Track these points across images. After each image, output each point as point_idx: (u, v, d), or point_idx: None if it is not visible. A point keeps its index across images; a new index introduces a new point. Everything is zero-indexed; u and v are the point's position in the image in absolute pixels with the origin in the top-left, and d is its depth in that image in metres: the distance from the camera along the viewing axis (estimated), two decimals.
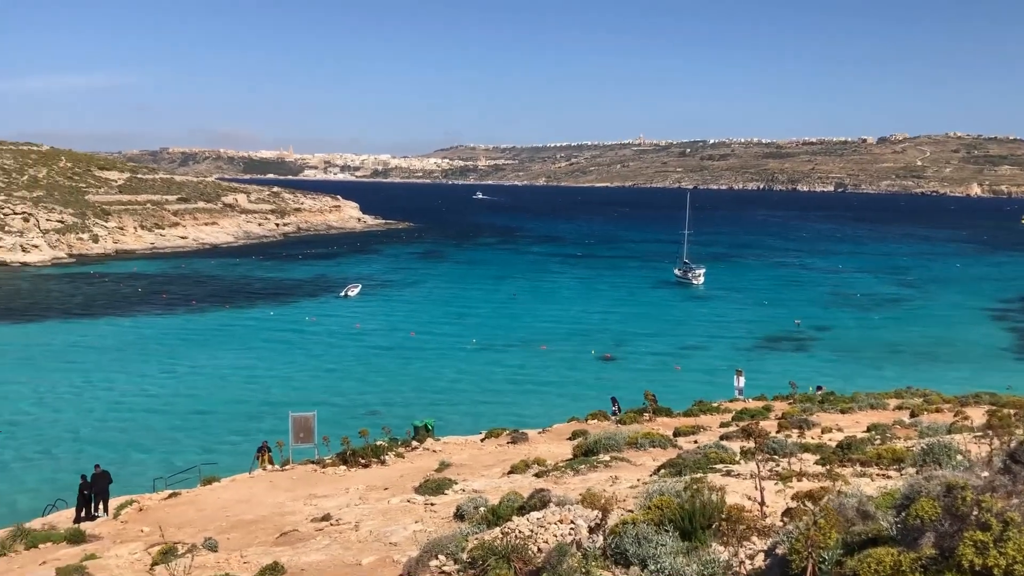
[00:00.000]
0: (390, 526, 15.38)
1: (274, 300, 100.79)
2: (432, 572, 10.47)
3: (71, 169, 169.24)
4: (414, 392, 59.41)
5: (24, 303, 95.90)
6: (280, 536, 16.77)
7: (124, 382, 61.29)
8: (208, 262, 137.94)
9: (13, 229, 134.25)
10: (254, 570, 12.91)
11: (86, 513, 25.52)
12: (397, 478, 23.77)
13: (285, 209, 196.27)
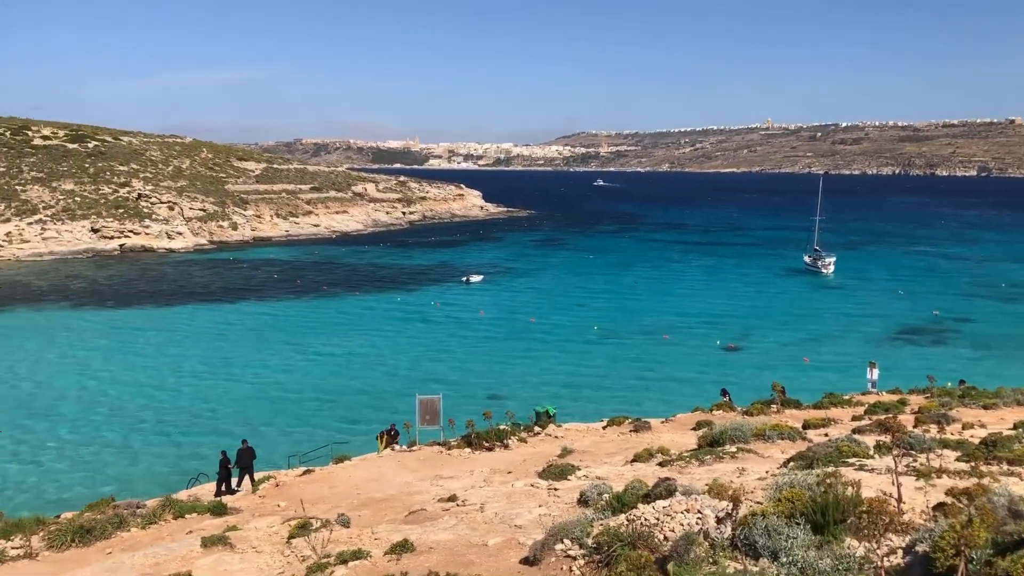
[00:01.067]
0: (515, 509, 15.59)
1: (400, 286, 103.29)
2: (557, 555, 10.58)
3: (212, 160, 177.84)
4: (535, 378, 59.81)
5: (169, 287, 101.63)
6: (409, 514, 17.25)
7: (259, 364, 64.14)
8: (338, 249, 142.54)
9: (159, 217, 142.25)
10: (385, 546, 13.34)
11: (226, 487, 26.89)
12: (520, 462, 24.04)
13: (411, 198, 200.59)
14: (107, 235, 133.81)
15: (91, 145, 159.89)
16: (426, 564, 11.70)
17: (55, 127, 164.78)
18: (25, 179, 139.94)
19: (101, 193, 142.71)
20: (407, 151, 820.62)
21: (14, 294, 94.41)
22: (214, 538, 16.08)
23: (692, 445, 22.63)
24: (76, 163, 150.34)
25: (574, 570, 10.01)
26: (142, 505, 21.75)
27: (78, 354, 66.91)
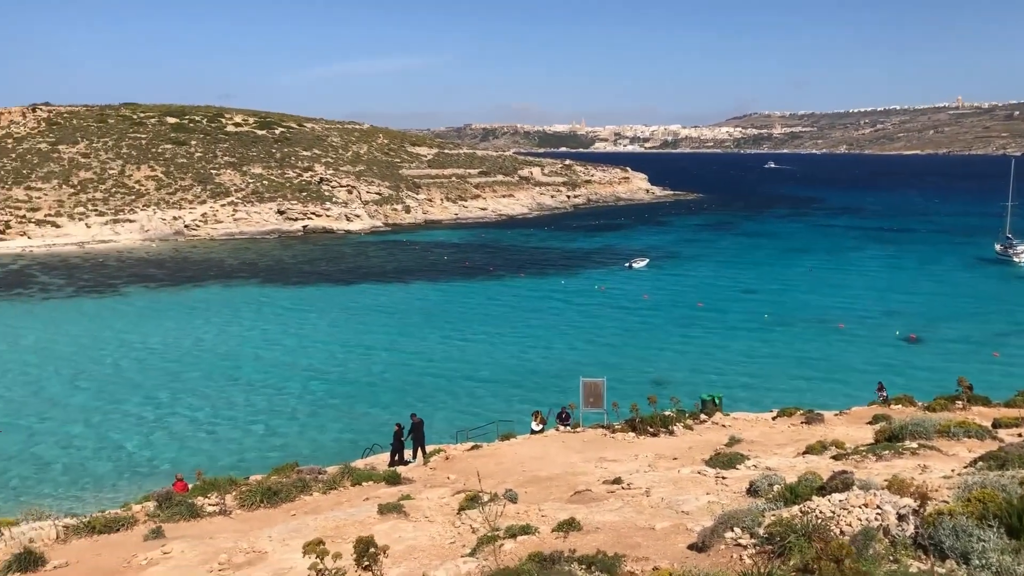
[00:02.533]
0: (681, 495, 15.49)
1: (564, 270, 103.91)
2: (727, 543, 10.46)
3: (387, 145, 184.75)
4: (701, 365, 58.80)
5: (347, 266, 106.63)
6: (574, 494, 17.47)
7: (427, 341, 66.33)
8: (504, 232, 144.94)
9: (339, 200, 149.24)
10: (552, 523, 13.60)
11: (399, 458, 28.04)
12: (686, 449, 23.80)
13: (576, 181, 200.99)
14: (291, 217, 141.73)
15: (278, 131, 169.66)
16: (593, 543, 11.85)
17: (245, 114, 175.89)
18: (219, 164, 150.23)
19: (286, 177, 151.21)
20: (573, 134, 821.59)
21: (209, 270, 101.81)
22: (389, 506, 16.87)
23: (868, 439, 21.67)
24: (264, 148, 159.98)
25: (744, 559, 9.87)
26: (323, 471, 23.06)
27: (264, 327, 71.40)
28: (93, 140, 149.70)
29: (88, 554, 16.64)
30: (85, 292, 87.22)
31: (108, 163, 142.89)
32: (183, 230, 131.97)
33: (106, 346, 64.49)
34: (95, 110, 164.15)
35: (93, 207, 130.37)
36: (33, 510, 20.17)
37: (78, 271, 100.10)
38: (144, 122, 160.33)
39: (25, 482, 39.11)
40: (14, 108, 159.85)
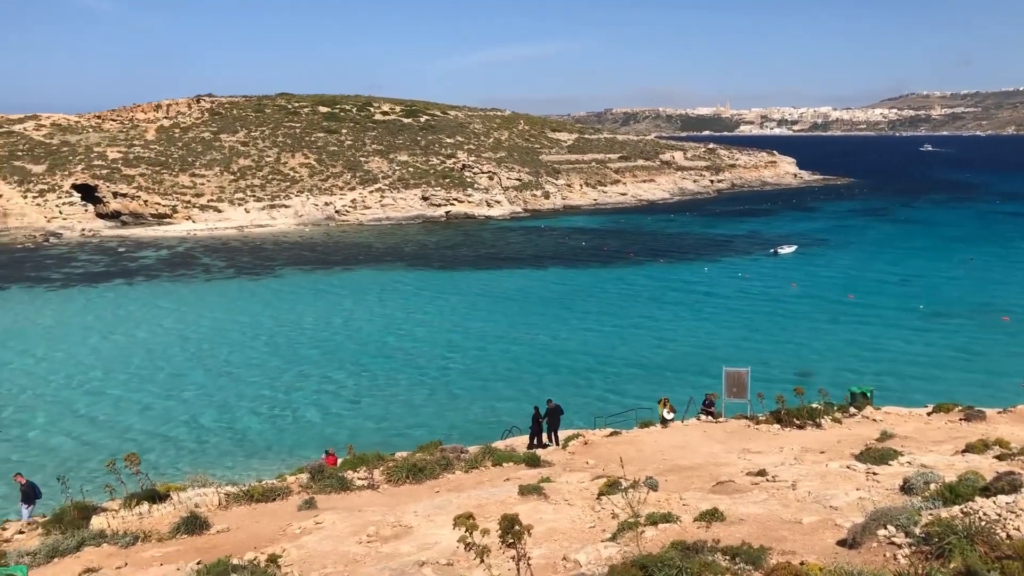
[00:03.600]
0: (829, 490, 14.99)
1: (706, 256, 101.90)
2: (879, 541, 10.07)
3: (528, 132, 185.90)
4: (850, 357, 56.53)
5: (487, 252, 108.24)
6: (716, 485, 17.20)
7: (566, 326, 66.56)
8: (644, 217, 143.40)
9: (480, 186, 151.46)
10: (694, 513, 13.45)
11: (537, 441, 28.33)
12: (834, 443, 22.97)
13: (719, 165, 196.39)
14: (435, 203, 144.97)
15: (423, 119, 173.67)
16: (737, 534, 11.65)
17: (392, 103, 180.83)
18: (368, 151, 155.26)
19: (430, 164, 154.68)
20: (717, 118, 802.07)
21: (358, 254, 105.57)
22: (530, 487, 17.10)
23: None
24: (410, 136, 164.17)
25: (899, 558, 9.48)
26: (465, 451, 23.62)
27: (407, 309, 73.49)
28: (251, 129, 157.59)
29: (247, 520, 17.67)
30: (244, 273, 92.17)
31: (265, 151, 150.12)
32: (334, 215, 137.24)
33: (262, 324, 68.00)
34: (253, 100, 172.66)
35: (251, 193, 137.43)
36: (198, 477, 21.62)
37: (238, 253, 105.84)
38: (298, 111, 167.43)
39: (189, 451, 41.82)
40: (181, 100, 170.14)
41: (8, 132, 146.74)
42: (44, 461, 40.14)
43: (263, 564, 12.22)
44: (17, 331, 66.15)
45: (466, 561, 12.70)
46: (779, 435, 24.89)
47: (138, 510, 18.51)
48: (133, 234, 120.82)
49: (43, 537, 17.49)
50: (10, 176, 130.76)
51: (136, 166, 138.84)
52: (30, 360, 58.00)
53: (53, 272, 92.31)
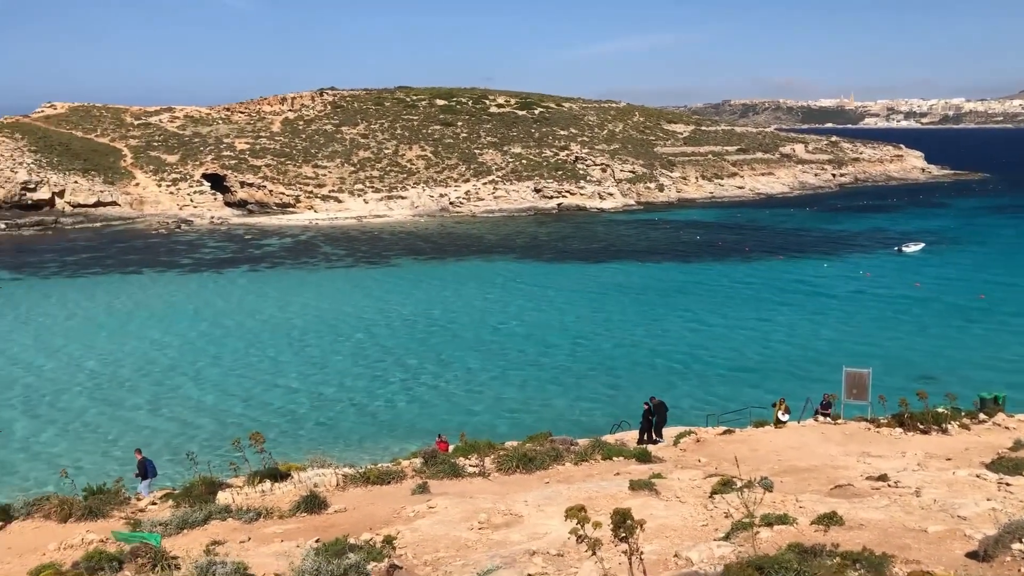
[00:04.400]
0: (957, 499, 14.34)
1: (826, 252, 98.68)
2: (1014, 555, 9.58)
3: (643, 124, 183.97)
4: (980, 361, 53.77)
5: (599, 245, 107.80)
6: (834, 488, 16.70)
7: (678, 322, 65.68)
8: (762, 212, 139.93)
9: (593, 178, 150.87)
10: (811, 516, 13.10)
11: (648, 437, 28.11)
12: (961, 450, 21.96)
13: (842, 159, 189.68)
14: (547, 195, 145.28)
15: (537, 112, 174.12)
16: (857, 540, 11.29)
17: (507, 96, 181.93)
18: (482, 143, 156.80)
19: (543, 156, 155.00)
20: (840, 110, 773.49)
21: (470, 245, 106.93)
22: (641, 483, 17.00)
23: None
24: (524, 128, 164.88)
25: None
26: (574, 443, 23.65)
27: (517, 300, 73.97)
28: (371, 122, 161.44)
29: (363, 502, 18.19)
30: (362, 262, 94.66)
31: (384, 143, 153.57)
32: (448, 207, 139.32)
33: (382, 311, 69.68)
34: (373, 94, 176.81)
35: (370, 184, 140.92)
36: (317, 458, 22.35)
37: (356, 243, 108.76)
38: (416, 104, 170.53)
39: (292, 435, 43.27)
40: (305, 93, 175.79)
41: (145, 124, 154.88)
42: (154, 438, 42.25)
43: (379, 545, 12.56)
44: (141, 313, 69.80)
45: (576, 553, 12.73)
46: (901, 439, 23.95)
47: (260, 487, 19.31)
48: (258, 222, 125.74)
49: (173, 509, 18.44)
50: (146, 166, 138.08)
51: (262, 157, 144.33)
52: (146, 342, 61.06)
53: (183, 257, 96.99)
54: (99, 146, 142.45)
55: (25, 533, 17.73)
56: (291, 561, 12.47)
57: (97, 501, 18.90)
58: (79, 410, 46.43)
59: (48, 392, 49.35)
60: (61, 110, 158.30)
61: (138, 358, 56.53)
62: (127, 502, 19.78)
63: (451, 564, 12.82)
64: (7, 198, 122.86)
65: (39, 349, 58.63)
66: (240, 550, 14.45)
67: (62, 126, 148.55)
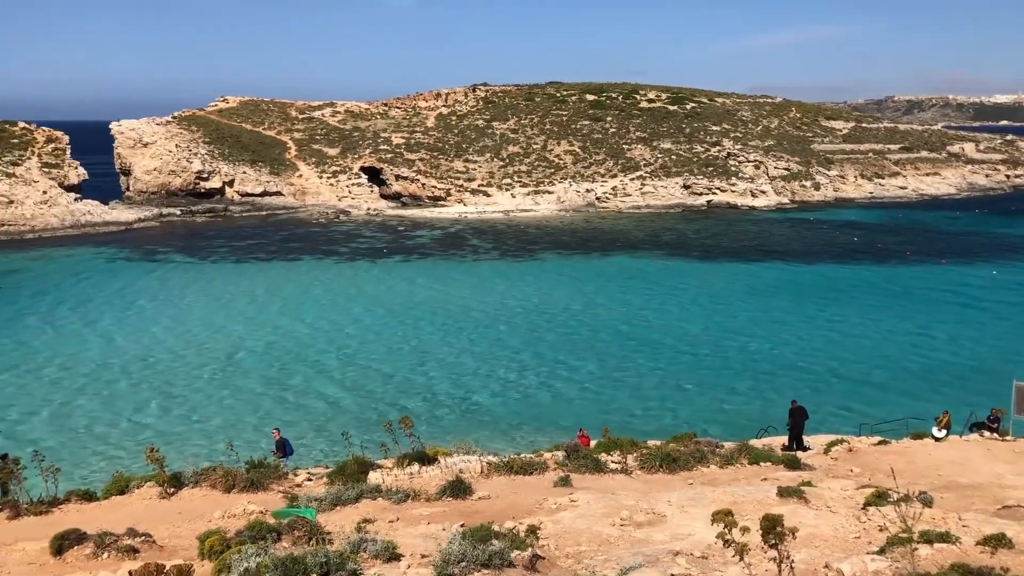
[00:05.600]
0: None
1: (998, 258, 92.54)
2: None
3: (799, 120, 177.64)
4: None
5: (749, 243, 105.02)
6: (1001, 508, 15.72)
7: (825, 328, 63.11)
8: (926, 213, 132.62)
9: (745, 175, 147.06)
10: (975, 536, 12.39)
11: (797, 444, 27.21)
12: None
13: (1018, 159, 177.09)
14: (696, 191, 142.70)
15: (688, 107, 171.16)
16: None
17: (658, 91, 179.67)
18: (631, 139, 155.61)
19: (694, 152, 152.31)
20: (1018, 106, 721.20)
21: (616, 241, 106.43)
22: (789, 490, 16.53)
23: None
24: (674, 124, 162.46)
25: None
26: (720, 445, 23.22)
27: (663, 297, 73.05)
28: (521, 117, 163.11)
29: (506, 491, 18.51)
30: (508, 256, 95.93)
31: (533, 138, 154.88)
32: (594, 202, 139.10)
33: (525, 303, 70.43)
34: (524, 89, 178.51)
35: (518, 179, 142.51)
36: (462, 445, 22.90)
37: (503, 236, 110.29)
38: (566, 99, 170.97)
39: (445, 418, 44.30)
40: (458, 89, 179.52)
41: (309, 118, 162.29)
42: (299, 417, 44.24)
43: (522, 534, 12.77)
44: (300, 297, 73.20)
45: (721, 557, 12.55)
46: None
47: (409, 470, 19.98)
48: (411, 214, 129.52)
49: (327, 486, 19.34)
50: (309, 158, 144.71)
51: (416, 151, 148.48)
52: (302, 324, 63.92)
53: (341, 247, 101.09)
54: (266, 139, 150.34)
55: (194, 500, 19.03)
56: (438, 543, 12.86)
57: (258, 474, 20.06)
58: (241, 388, 49.24)
59: (212, 368, 52.58)
60: (232, 104, 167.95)
61: (294, 340, 59.41)
62: (284, 476, 20.89)
63: (593, 558, 12.89)
64: (183, 186, 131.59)
65: (205, 327, 62.51)
66: (389, 529, 15.02)
67: (233, 119, 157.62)
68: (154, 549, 15.19)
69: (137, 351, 56.36)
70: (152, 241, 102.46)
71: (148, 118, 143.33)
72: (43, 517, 18.32)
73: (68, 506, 19.16)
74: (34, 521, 18.09)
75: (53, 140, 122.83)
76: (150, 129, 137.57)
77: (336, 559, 11.26)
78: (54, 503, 19.05)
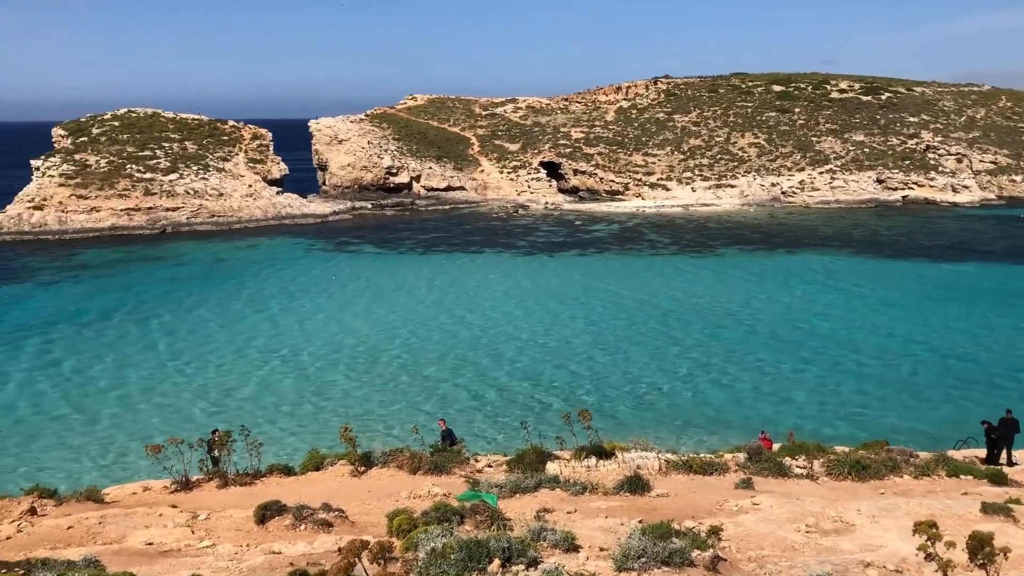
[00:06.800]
0: None
1: None
2: None
3: (1010, 109, 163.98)
4: None
5: (948, 242, 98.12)
6: None
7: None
8: None
9: (945, 169, 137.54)
10: None
11: (995, 457, 25.19)
12: None
13: None
14: (891, 186, 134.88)
15: (883, 97, 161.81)
16: None
17: (851, 80, 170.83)
18: (820, 131, 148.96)
19: (889, 144, 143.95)
20: None
21: (802, 237, 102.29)
22: (995, 506, 15.40)
23: None
24: (868, 115, 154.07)
25: None
26: (914, 455, 21.91)
27: (856, 298, 69.53)
28: (703, 109, 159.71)
29: (684, 490, 18.28)
30: (686, 251, 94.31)
31: (715, 131, 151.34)
32: (779, 196, 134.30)
33: (704, 299, 69.04)
34: (707, 81, 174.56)
35: (699, 172, 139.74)
36: (640, 440, 22.82)
37: (681, 231, 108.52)
38: (751, 91, 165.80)
39: (615, 412, 44.12)
40: (639, 82, 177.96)
41: (492, 114, 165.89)
42: (470, 406, 45.18)
43: (703, 534, 12.57)
44: (479, 288, 74.93)
45: (916, 571, 11.89)
46: None
47: (586, 463, 20.12)
48: (588, 208, 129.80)
49: (507, 473, 19.79)
50: (490, 153, 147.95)
51: (595, 145, 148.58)
52: (480, 315, 65.37)
53: (519, 240, 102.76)
54: (451, 135, 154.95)
55: (382, 479, 19.99)
56: (617, 537, 12.89)
57: (441, 458, 20.80)
58: (426, 375, 51.09)
59: (393, 352, 54.84)
60: (420, 101, 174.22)
61: (471, 329, 60.97)
62: (466, 462, 21.55)
63: (777, 563, 12.53)
64: (374, 181, 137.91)
65: (390, 312, 65.28)
66: (567, 520, 15.20)
67: (420, 116, 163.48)
68: (346, 524, 16.10)
69: (327, 335, 59.66)
70: (345, 233, 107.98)
71: (343, 116, 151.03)
72: (247, 488, 19.82)
73: (269, 479, 20.64)
74: (239, 491, 19.61)
75: (258, 137, 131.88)
76: (345, 127, 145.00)
77: (517, 545, 11.52)
78: (257, 475, 20.58)
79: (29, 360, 53.78)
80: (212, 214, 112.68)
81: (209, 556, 13.74)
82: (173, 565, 13.21)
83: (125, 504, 18.46)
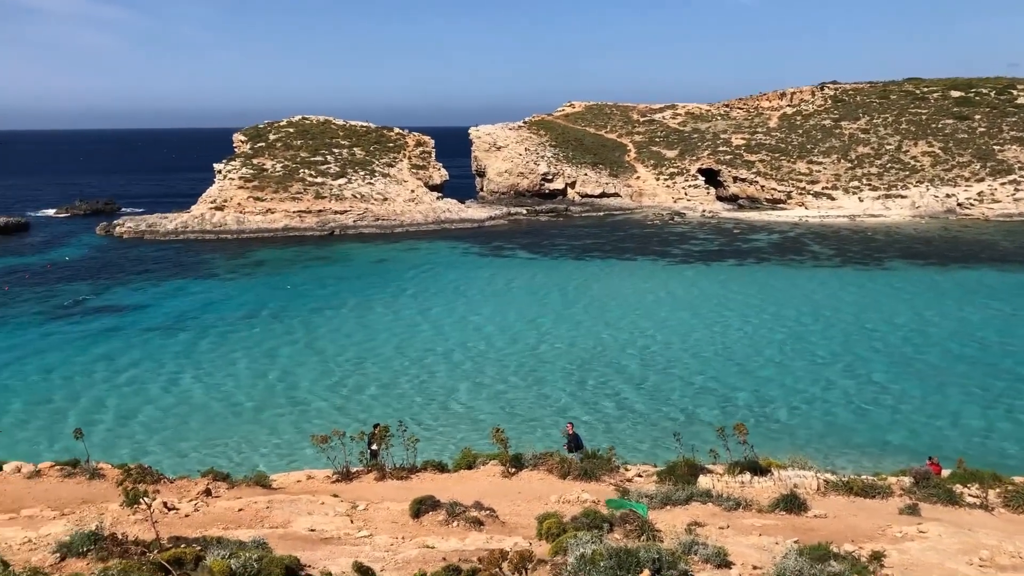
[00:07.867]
0: None
1: None
2: None
3: None
4: None
5: None
6: None
7: None
8: None
9: None
10: None
11: None
12: None
13: None
14: None
15: None
16: None
17: None
18: (1003, 139, 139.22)
19: None
20: None
21: (980, 252, 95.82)
22: None
23: None
24: None
25: None
26: None
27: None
28: (873, 116, 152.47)
29: (844, 511, 17.54)
30: (851, 263, 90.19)
31: (886, 139, 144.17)
32: (955, 208, 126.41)
33: (869, 315, 65.85)
34: (878, 87, 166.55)
35: (867, 182, 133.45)
36: (798, 459, 22.05)
37: (847, 243, 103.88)
38: (926, 97, 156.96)
39: (764, 427, 42.65)
40: (804, 88, 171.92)
41: (650, 120, 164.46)
42: (617, 414, 44.65)
43: (864, 559, 12.05)
44: (632, 297, 74.25)
45: None
46: None
47: (740, 478, 19.63)
48: (747, 217, 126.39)
49: (658, 484, 19.58)
50: (647, 160, 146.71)
51: (756, 152, 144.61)
52: (633, 325, 64.70)
53: (674, 248, 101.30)
54: (607, 141, 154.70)
55: (532, 482, 20.21)
56: (772, 556, 12.54)
57: (591, 465, 20.83)
58: (578, 380, 51.23)
59: (565, 364, 55.22)
60: (578, 108, 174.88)
61: (624, 335, 60.58)
62: (616, 470, 21.48)
63: None
64: (529, 187, 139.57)
65: (548, 319, 65.79)
66: (719, 535, 14.90)
67: (577, 123, 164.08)
68: (496, 524, 16.39)
69: (479, 336, 60.82)
70: (500, 238, 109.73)
71: (502, 124, 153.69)
72: (403, 482, 20.51)
73: (423, 474, 21.29)
74: (396, 484, 20.33)
75: (421, 144, 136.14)
76: (503, 134, 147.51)
77: (668, 557, 11.40)
78: (412, 470, 21.27)
79: (199, 353, 57.70)
80: (376, 217, 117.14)
81: (367, 546, 14.32)
82: (333, 552, 13.84)
83: (290, 491, 19.51)
